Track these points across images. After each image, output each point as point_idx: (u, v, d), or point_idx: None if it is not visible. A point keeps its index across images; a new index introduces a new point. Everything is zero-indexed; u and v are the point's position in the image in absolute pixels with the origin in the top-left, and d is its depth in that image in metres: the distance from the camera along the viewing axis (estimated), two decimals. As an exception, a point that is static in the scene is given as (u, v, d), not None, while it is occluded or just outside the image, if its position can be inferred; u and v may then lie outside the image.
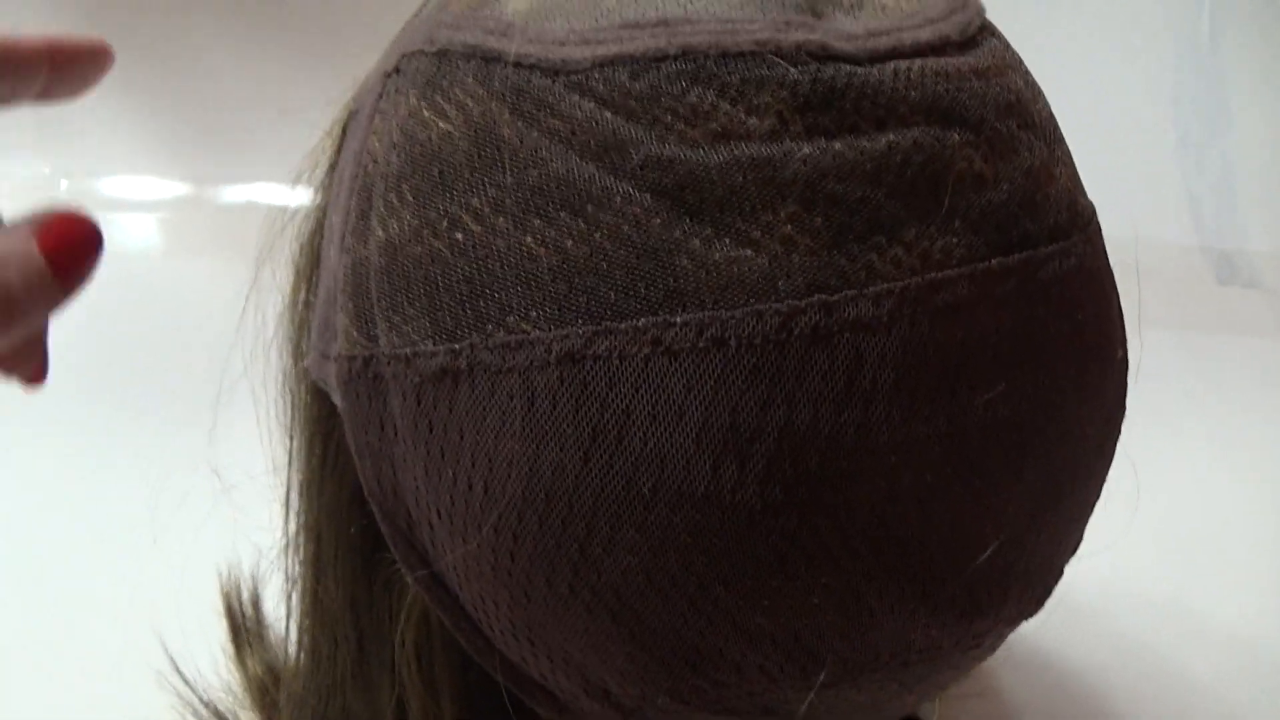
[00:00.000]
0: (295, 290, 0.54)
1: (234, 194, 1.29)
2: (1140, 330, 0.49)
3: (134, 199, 1.26)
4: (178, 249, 1.24)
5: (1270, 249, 1.27)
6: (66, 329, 1.12)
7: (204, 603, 0.64)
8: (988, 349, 0.39)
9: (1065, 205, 0.43)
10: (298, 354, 0.53)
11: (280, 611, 0.58)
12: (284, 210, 0.55)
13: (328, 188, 0.51)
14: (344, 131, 0.50)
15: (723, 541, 0.38)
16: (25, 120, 1.29)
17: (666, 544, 0.39)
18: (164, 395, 1.01)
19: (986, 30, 0.43)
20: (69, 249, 0.37)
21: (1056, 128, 0.45)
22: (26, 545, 0.87)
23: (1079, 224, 0.44)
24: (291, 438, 0.54)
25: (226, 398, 0.61)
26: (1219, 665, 0.78)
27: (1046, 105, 0.45)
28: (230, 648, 0.64)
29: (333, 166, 0.51)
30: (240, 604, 0.64)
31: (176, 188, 1.28)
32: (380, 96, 0.45)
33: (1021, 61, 0.45)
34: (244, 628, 0.64)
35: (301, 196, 0.54)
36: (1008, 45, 0.45)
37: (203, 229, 1.25)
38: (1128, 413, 0.48)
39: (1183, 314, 1.19)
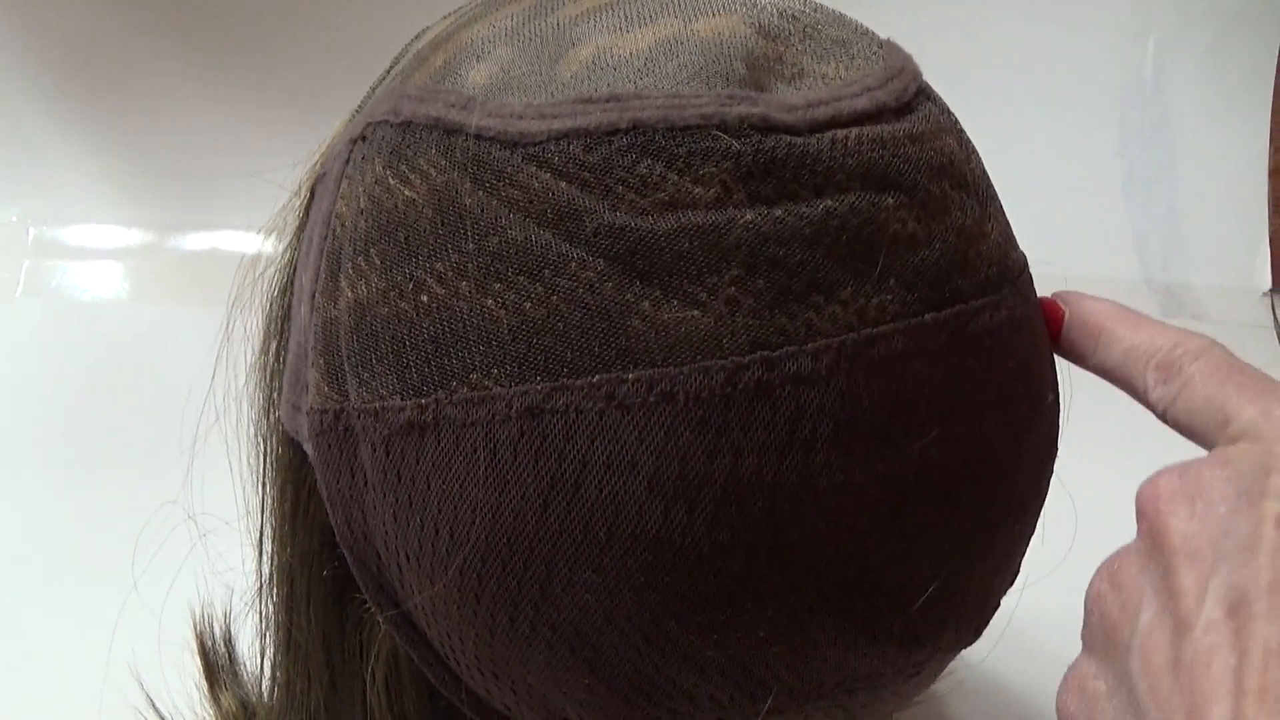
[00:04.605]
0: (265, 344, 0.55)
1: (197, 241, 1.30)
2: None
3: (100, 246, 1.27)
4: (143, 295, 1.25)
5: (1213, 284, 1.29)
6: (37, 377, 1.13)
7: (179, 642, 0.66)
8: (921, 398, 0.41)
9: (996, 260, 0.45)
10: (269, 405, 0.55)
11: (254, 650, 0.59)
12: (254, 260, 0.57)
13: (296, 247, 0.53)
14: (312, 193, 0.52)
15: (674, 580, 0.41)
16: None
17: (621, 584, 0.41)
18: (134, 441, 1.02)
19: (923, 94, 0.45)
20: None
21: (989, 185, 0.48)
22: (3, 588, 0.88)
23: (1009, 277, 0.46)
24: (264, 485, 0.55)
25: (198, 444, 0.62)
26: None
27: (980, 164, 0.48)
28: (204, 685, 0.65)
29: (301, 226, 0.53)
30: (213, 642, 0.66)
31: (141, 235, 1.29)
32: (347, 162, 0.47)
33: (957, 123, 0.47)
34: (217, 665, 0.66)
35: (268, 246, 0.56)
36: (944, 108, 0.47)
37: (167, 276, 1.27)
38: (1070, 444, 0.51)
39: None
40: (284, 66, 1.29)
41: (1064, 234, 0.55)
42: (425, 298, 0.42)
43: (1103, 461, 0.55)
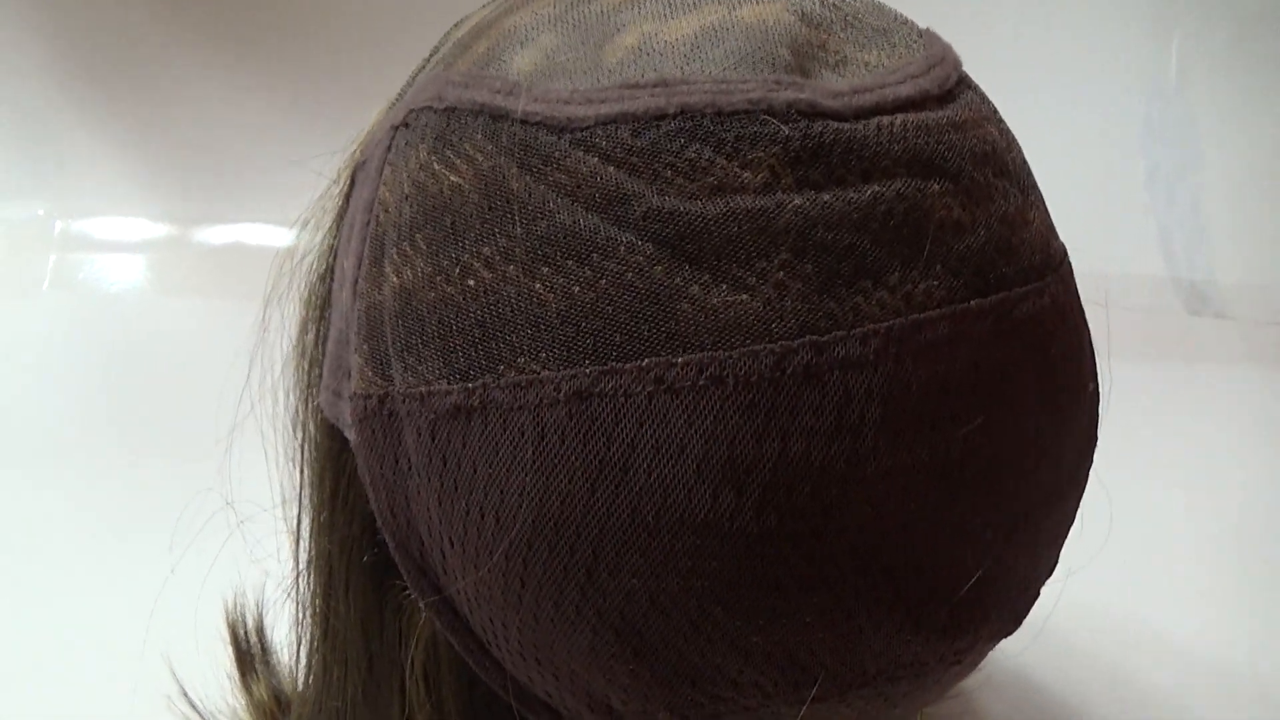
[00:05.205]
0: (304, 331, 0.56)
1: (223, 234, 1.30)
2: (1110, 361, 0.51)
3: (126, 240, 1.28)
4: (169, 288, 1.26)
5: (1239, 280, 1.29)
6: (65, 369, 1.14)
7: (212, 631, 0.66)
8: (967, 384, 0.42)
9: (1039, 247, 0.45)
10: (308, 392, 0.55)
11: (288, 638, 0.60)
12: (290, 250, 0.58)
13: (336, 234, 0.53)
14: (352, 180, 0.52)
15: (721, 565, 0.41)
16: (19, 162, 1.32)
17: (668, 568, 0.41)
18: (163, 433, 1.02)
19: (964, 83, 0.46)
20: None
21: (1030, 174, 0.48)
22: (37, 577, 0.89)
23: (1051, 265, 0.46)
24: (302, 472, 0.55)
25: (234, 433, 0.63)
26: (1187, 684, 0.80)
27: (1020, 153, 0.48)
28: (235, 673, 0.66)
29: (341, 213, 0.53)
30: (245, 631, 0.66)
31: (168, 228, 1.29)
32: (389, 149, 0.47)
33: (996, 112, 0.47)
34: (249, 654, 0.66)
35: (300, 238, 0.56)
36: (984, 97, 0.47)
37: (193, 269, 1.27)
38: (1102, 439, 0.50)
39: (1155, 344, 1.21)
40: (309, 60, 1.29)
41: (1088, 231, 0.55)
42: (472, 282, 0.42)
43: (1138, 458, 0.55)
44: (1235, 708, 0.79)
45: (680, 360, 0.40)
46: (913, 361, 0.40)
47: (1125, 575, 0.83)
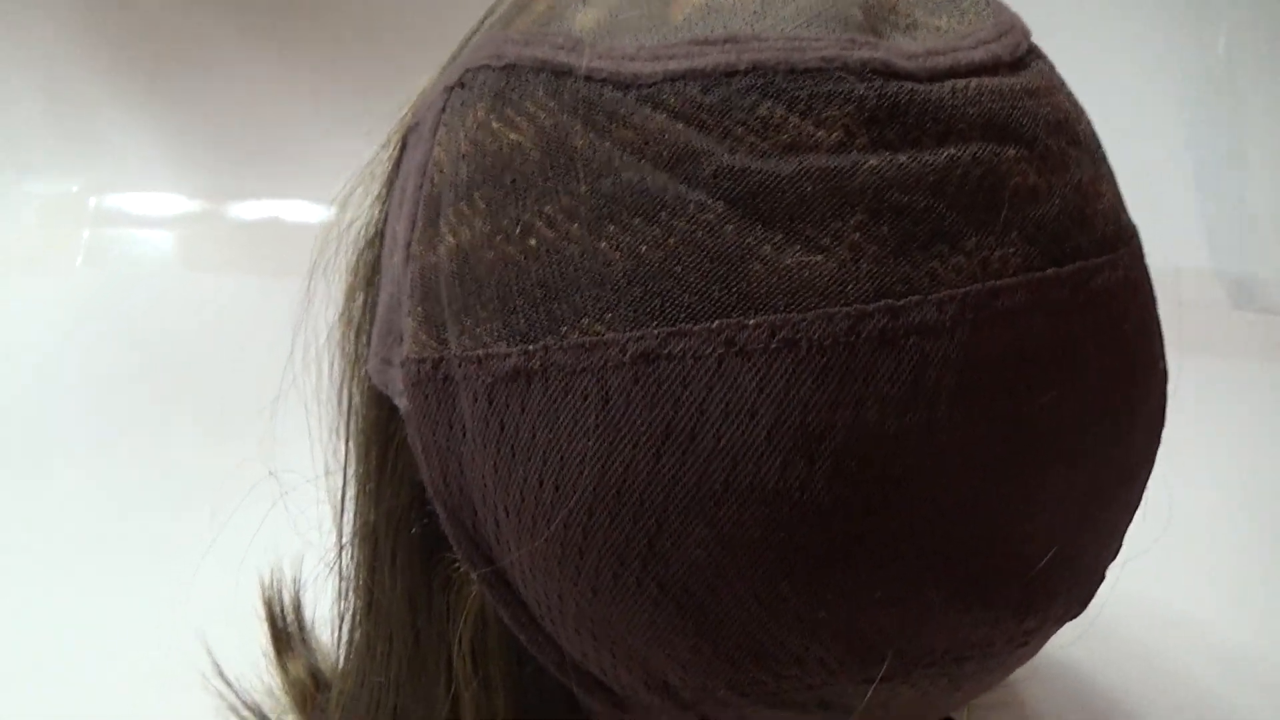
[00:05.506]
0: (350, 299, 0.55)
1: (257, 209, 1.30)
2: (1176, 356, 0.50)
3: (160, 215, 1.28)
4: (203, 264, 1.25)
5: (1285, 274, 1.29)
6: (99, 345, 1.14)
7: (249, 607, 0.65)
8: (1043, 355, 0.40)
9: (1112, 219, 0.44)
10: (356, 360, 0.54)
11: (325, 614, 0.59)
12: (334, 222, 0.57)
13: (386, 198, 0.52)
14: (403, 145, 0.51)
15: (789, 537, 0.40)
16: (53, 138, 1.31)
17: (735, 539, 0.40)
18: (199, 409, 1.02)
19: (1034, 53, 0.45)
20: None
21: (1100, 146, 0.47)
22: (71, 554, 0.88)
23: (1124, 238, 0.45)
24: (346, 443, 0.55)
25: (274, 402, 0.62)
26: (1231, 679, 0.79)
27: (1090, 124, 0.47)
28: (271, 651, 0.65)
29: (391, 179, 0.52)
30: (282, 608, 0.66)
31: (202, 204, 1.29)
32: (444, 110, 0.46)
33: (1065, 83, 0.46)
34: (285, 631, 0.65)
35: (346, 207, 0.55)
36: (1053, 67, 0.46)
37: (227, 244, 1.27)
38: (1170, 423, 0.50)
39: (1199, 337, 1.20)
40: (344, 36, 1.29)
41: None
42: (534, 241, 0.41)
43: (1181, 451, 0.54)
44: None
45: (752, 322, 0.38)
46: (989, 329, 0.39)
47: (1168, 567, 0.81)
